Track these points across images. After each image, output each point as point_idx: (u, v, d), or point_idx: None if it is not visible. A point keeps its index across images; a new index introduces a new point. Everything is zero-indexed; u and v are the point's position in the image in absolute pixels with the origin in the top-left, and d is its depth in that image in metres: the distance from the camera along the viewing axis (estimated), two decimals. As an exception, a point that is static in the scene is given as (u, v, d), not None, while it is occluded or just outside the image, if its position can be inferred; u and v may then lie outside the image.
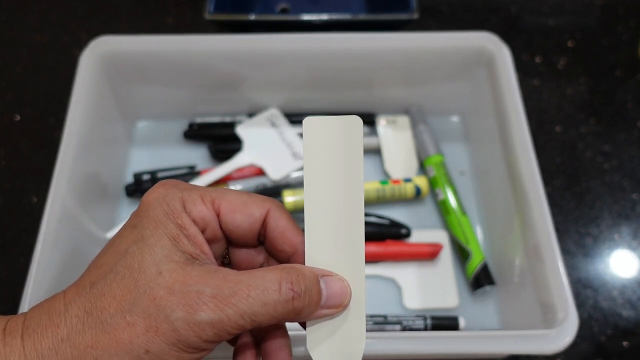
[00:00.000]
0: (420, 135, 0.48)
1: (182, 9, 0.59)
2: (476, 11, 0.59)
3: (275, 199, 0.27)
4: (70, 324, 0.23)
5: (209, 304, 0.22)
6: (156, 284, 0.23)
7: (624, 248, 0.45)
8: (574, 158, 0.50)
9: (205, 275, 0.23)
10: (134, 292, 0.23)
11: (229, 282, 0.23)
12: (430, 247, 0.43)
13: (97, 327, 0.23)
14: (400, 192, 0.45)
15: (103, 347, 0.22)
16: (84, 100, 0.40)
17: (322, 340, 0.26)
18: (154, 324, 0.22)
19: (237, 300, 0.23)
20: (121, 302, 0.23)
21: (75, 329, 0.23)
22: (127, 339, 0.22)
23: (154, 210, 0.25)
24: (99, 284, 0.23)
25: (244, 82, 0.46)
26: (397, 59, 0.45)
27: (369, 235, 0.43)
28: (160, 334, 0.22)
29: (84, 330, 0.23)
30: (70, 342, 0.22)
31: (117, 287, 0.23)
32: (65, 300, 0.23)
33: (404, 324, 0.39)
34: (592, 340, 0.41)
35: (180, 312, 0.22)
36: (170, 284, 0.23)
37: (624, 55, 0.56)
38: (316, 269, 0.25)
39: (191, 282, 0.23)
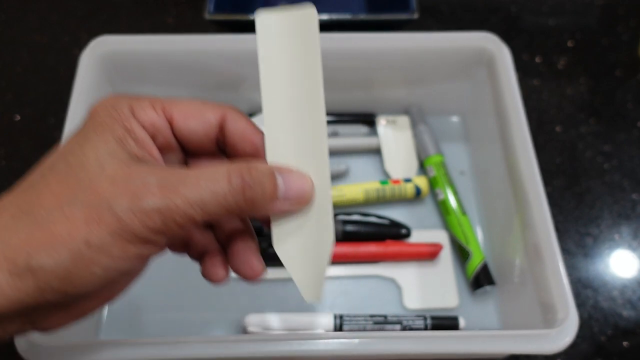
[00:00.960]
0: (420, 135, 0.48)
1: (182, 8, 0.59)
2: (476, 11, 0.59)
3: (231, 105, 0.26)
4: (2, 224, 0.21)
5: (156, 193, 0.21)
6: (99, 177, 0.22)
7: (624, 248, 0.45)
8: (574, 158, 0.50)
9: (152, 169, 0.22)
10: (74, 187, 0.21)
11: (176, 174, 0.22)
12: (430, 247, 0.43)
13: (31, 223, 0.21)
14: (400, 192, 0.45)
15: (38, 242, 0.21)
16: (84, 100, 0.40)
17: (288, 238, 0.25)
18: (95, 214, 0.21)
19: (185, 189, 0.21)
20: (59, 197, 0.21)
21: (7, 227, 0.21)
22: (65, 232, 0.21)
23: (100, 115, 0.23)
24: (37, 184, 0.22)
25: (244, 82, 0.46)
26: (397, 59, 0.45)
27: (368, 235, 0.43)
28: (102, 224, 0.21)
29: (16, 228, 0.21)
30: (0, 241, 0.21)
31: (55, 183, 0.22)
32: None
33: (404, 324, 0.39)
34: (592, 340, 0.41)
35: (124, 201, 0.21)
36: (114, 177, 0.22)
37: (624, 55, 0.56)
38: (274, 165, 0.24)
39: (136, 175, 0.22)
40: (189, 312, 0.41)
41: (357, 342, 0.31)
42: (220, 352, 0.31)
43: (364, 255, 0.42)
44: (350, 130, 0.49)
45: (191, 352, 0.31)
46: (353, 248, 0.42)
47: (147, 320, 0.40)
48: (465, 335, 0.32)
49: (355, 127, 0.49)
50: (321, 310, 0.41)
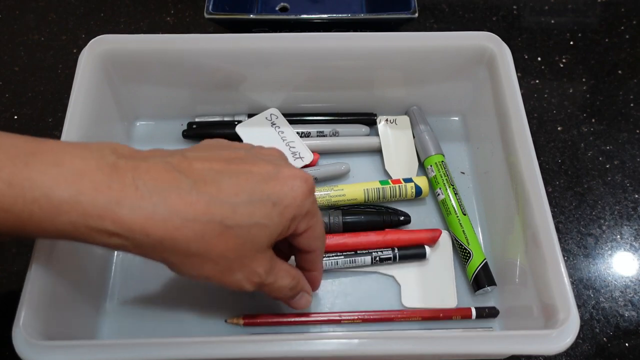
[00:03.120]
0: (420, 135, 0.47)
1: (181, 7, 0.59)
2: (477, 10, 0.59)
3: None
4: None
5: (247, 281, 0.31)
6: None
7: (625, 248, 0.45)
8: (575, 158, 0.50)
9: (271, 264, 0.31)
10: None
11: (272, 275, 0.32)
12: (429, 233, 0.43)
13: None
14: (400, 192, 0.45)
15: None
16: (82, 100, 0.40)
17: None
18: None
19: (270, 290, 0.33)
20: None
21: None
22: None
23: (289, 209, 0.29)
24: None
25: (243, 81, 0.46)
26: (397, 59, 0.45)
27: (367, 224, 0.43)
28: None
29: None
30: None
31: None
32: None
33: (374, 255, 0.42)
34: (594, 340, 0.41)
35: (241, 277, 0.30)
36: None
37: (626, 55, 0.56)
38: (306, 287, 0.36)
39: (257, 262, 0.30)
40: (188, 312, 0.41)
41: (357, 342, 0.31)
42: (220, 352, 0.31)
43: (364, 244, 0.42)
44: (350, 130, 0.49)
45: (191, 353, 0.30)
46: (353, 238, 0.42)
47: (147, 320, 0.40)
48: (466, 335, 0.32)
49: (356, 127, 0.49)
50: (321, 309, 0.41)
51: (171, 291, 0.41)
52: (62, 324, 0.35)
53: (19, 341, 0.30)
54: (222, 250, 0.28)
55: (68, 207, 0.25)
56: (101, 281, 0.41)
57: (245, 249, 0.29)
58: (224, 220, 0.27)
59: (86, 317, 0.39)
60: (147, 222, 0.26)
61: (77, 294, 0.38)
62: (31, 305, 0.32)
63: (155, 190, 0.26)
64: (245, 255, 0.29)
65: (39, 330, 0.31)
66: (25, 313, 0.31)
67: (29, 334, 0.30)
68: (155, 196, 0.26)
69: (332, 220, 0.43)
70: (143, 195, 0.26)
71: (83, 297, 0.39)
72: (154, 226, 0.26)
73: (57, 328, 0.34)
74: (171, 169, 0.27)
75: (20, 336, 0.30)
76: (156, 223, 0.26)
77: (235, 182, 0.28)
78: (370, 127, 0.49)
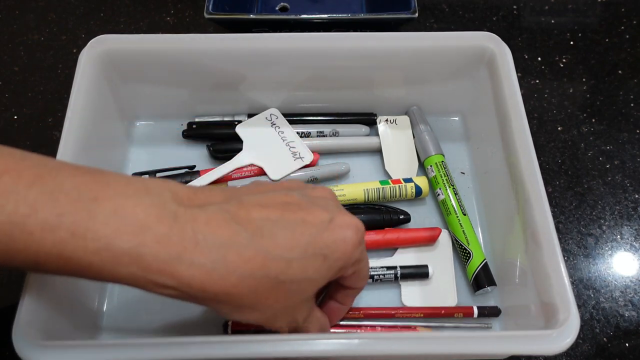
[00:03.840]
0: (420, 135, 0.47)
1: (181, 7, 0.59)
2: (477, 10, 0.59)
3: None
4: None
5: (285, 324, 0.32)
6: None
7: (626, 249, 0.45)
8: (576, 158, 0.50)
9: (310, 311, 0.33)
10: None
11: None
12: (429, 232, 0.43)
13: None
14: (400, 192, 0.45)
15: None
16: (82, 100, 0.40)
17: None
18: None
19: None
20: None
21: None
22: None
23: (339, 262, 0.30)
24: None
25: (243, 81, 0.46)
26: (397, 59, 0.45)
27: (367, 224, 0.43)
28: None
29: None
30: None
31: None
32: None
33: (375, 278, 0.41)
34: (594, 341, 0.41)
35: (283, 324, 0.32)
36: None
37: (626, 54, 0.56)
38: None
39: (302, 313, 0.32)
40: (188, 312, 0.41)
41: (357, 343, 0.31)
42: (220, 352, 0.31)
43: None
44: (350, 130, 0.49)
45: (190, 353, 0.30)
46: None
47: (147, 320, 0.40)
48: (466, 336, 0.32)
49: (356, 127, 0.49)
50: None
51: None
52: (62, 324, 0.35)
53: (19, 341, 0.30)
54: (272, 303, 0.29)
55: (129, 260, 0.26)
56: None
57: (292, 301, 0.30)
58: (278, 275, 0.28)
59: (86, 317, 0.39)
60: (205, 278, 0.26)
61: (77, 294, 0.38)
62: (31, 305, 0.32)
63: (215, 245, 0.27)
64: (292, 307, 0.31)
65: (39, 330, 0.31)
66: (25, 313, 0.31)
67: (29, 334, 0.30)
68: (215, 252, 0.27)
69: (332, 220, 0.43)
70: (202, 251, 0.26)
71: (83, 297, 0.39)
72: (212, 283, 0.27)
73: (57, 328, 0.34)
74: (229, 220, 0.28)
75: (20, 336, 0.30)
76: (214, 280, 0.27)
77: (291, 236, 0.29)
78: (370, 127, 0.49)
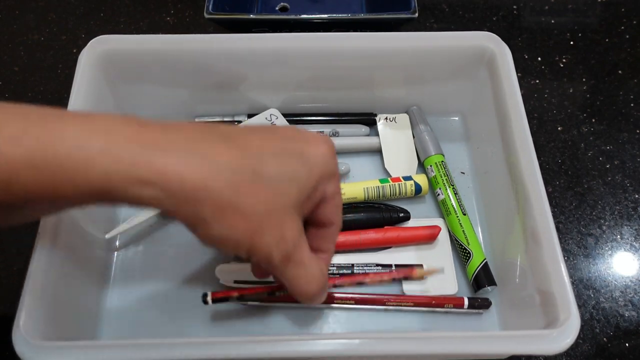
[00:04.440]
0: (420, 135, 0.47)
1: (181, 7, 0.59)
2: (477, 10, 0.59)
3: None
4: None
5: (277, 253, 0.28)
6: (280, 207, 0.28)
7: (626, 249, 0.45)
8: (576, 158, 0.50)
9: (300, 233, 0.30)
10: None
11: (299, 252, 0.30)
12: (428, 230, 0.43)
13: None
14: (400, 190, 0.45)
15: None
16: (82, 100, 0.40)
17: None
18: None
19: (289, 272, 0.30)
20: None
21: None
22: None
23: (317, 167, 0.29)
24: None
25: (243, 81, 0.46)
26: (397, 59, 0.45)
27: (367, 222, 0.43)
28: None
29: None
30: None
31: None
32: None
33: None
34: (594, 341, 0.41)
35: (270, 239, 0.28)
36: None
37: (626, 54, 0.56)
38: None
39: (283, 222, 0.29)
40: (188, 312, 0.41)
41: (358, 342, 0.31)
42: (220, 352, 0.31)
43: (364, 242, 0.42)
44: (350, 130, 0.49)
45: (190, 353, 0.30)
46: (353, 236, 0.42)
47: (147, 320, 0.40)
48: (466, 336, 0.32)
49: (356, 127, 0.49)
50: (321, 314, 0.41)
51: (171, 291, 0.41)
52: (62, 324, 0.35)
53: (19, 341, 0.30)
54: (254, 203, 0.27)
55: (101, 158, 0.25)
56: (101, 281, 0.41)
57: (276, 204, 0.28)
58: (255, 170, 0.27)
59: (86, 317, 0.39)
60: (181, 168, 0.25)
61: (77, 294, 0.38)
62: (31, 306, 0.32)
63: (187, 141, 0.26)
64: (276, 211, 0.28)
65: (39, 330, 0.31)
66: (25, 313, 0.31)
67: (29, 334, 0.30)
68: (189, 145, 0.26)
69: (332, 219, 0.43)
70: (176, 144, 0.26)
71: (83, 297, 0.39)
72: (188, 172, 0.25)
73: (57, 328, 0.34)
74: (198, 128, 0.28)
75: (20, 336, 0.30)
76: (190, 169, 0.25)
77: (262, 138, 0.28)
78: (370, 127, 0.49)
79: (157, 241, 0.44)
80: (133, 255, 0.43)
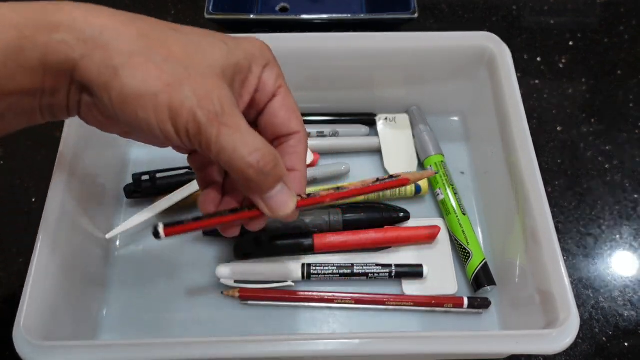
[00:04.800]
0: (420, 135, 0.47)
1: (182, 8, 0.59)
2: (476, 10, 0.59)
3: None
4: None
5: (205, 114, 0.25)
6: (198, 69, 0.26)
7: (625, 248, 0.45)
8: (575, 158, 0.50)
9: (230, 98, 0.26)
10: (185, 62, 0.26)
11: (235, 120, 0.26)
12: (428, 230, 0.43)
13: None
14: (399, 189, 0.45)
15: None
16: (82, 100, 0.40)
17: None
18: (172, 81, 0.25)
19: (225, 132, 0.25)
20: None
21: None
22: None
23: (247, 47, 0.28)
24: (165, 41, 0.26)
25: (243, 81, 0.46)
26: (397, 59, 0.45)
27: (367, 222, 0.43)
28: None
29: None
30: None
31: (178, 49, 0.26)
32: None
33: (370, 276, 0.41)
34: (593, 340, 0.41)
35: (191, 94, 0.25)
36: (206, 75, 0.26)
37: (626, 55, 0.56)
38: (285, 174, 0.28)
39: (213, 90, 0.25)
40: (188, 312, 0.41)
41: (358, 342, 0.31)
42: (220, 352, 0.31)
43: (364, 242, 0.42)
44: (350, 130, 0.49)
45: (190, 353, 0.31)
46: (353, 236, 0.42)
47: (146, 320, 0.40)
48: (466, 335, 0.32)
49: (355, 127, 0.49)
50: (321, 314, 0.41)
51: (170, 291, 0.41)
52: (62, 324, 0.35)
53: (19, 341, 0.30)
54: (167, 54, 0.25)
55: (10, 13, 0.24)
56: (101, 281, 0.41)
57: (194, 60, 0.25)
58: (171, 27, 0.27)
59: (86, 317, 0.39)
60: (91, 13, 0.25)
61: (77, 294, 0.38)
62: (31, 305, 0.32)
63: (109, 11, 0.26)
64: (194, 67, 0.25)
65: (39, 330, 0.31)
66: (26, 313, 0.31)
67: (29, 334, 0.31)
68: (106, 9, 0.26)
69: (332, 218, 0.43)
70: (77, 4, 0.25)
71: (83, 297, 0.39)
72: (97, 16, 0.25)
73: (57, 328, 0.34)
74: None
75: (20, 336, 0.31)
76: (99, 14, 0.25)
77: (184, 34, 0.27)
78: (370, 127, 0.49)
79: (157, 241, 0.44)
80: (133, 255, 0.43)
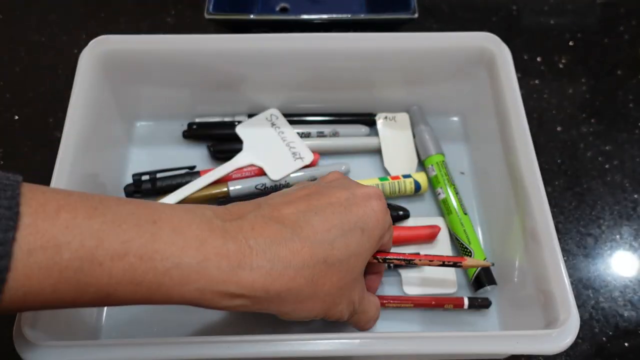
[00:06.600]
0: (420, 135, 0.47)
1: (182, 8, 0.59)
2: (476, 10, 0.59)
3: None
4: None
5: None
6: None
7: (625, 248, 0.45)
8: (575, 158, 0.50)
9: (363, 288, 0.34)
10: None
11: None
12: (428, 229, 0.43)
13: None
14: (399, 187, 0.45)
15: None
16: (83, 100, 0.40)
17: None
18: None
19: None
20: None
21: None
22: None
23: (376, 231, 0.33)
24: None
25: (243, 81, 0.46)
26: (397, 59, 0.45)
27: None
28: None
29: None
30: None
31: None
32: None
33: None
34: (593, 340, 0.41)
35: (341, 305, 0.33)
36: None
37: (626, 55, 0.56)
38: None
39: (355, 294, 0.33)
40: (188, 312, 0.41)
41: (358, 342, 0.31)
42: (220, 352, 0.31)
43: None
44: (350, 130, 0.49)
45: (191, 353, 0.31)
46: None
47: (147, 320, 0.40)
48: (466, 335, 0.32)
49: (355, 127, 0.49)
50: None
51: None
52: (62, 324, 0.35)
53: (19, 341, 0.30)
54: (329, 288, 0.30)
55: (197, 276, 0.27)
56: (101, 281, 0.41)
57: (346, 281, 0.31)
58: (326, 259, 0.30)
59: (86, 317, 0.39)
60: (266, 280, 0.28)
61: (77, 294, 0.38)
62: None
63: (266, 245, 0.29)
64: (347, 286, 0.32)
65: (39, 330, 0.31)
66: (26, 313, 0.31)
67: (29, 334, 0.31)
68: (269, 252, 0.28)
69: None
70: (258, 254, 0.28)
71: (83, 297, 0.39)
72: (272, 282, 0.28)
73: (57, 328, 0.34)
74: (269, 221, 0.30)
75: (20, 336, 0.31)
76: (273, 278, 0.28)
77: (324, 219, 0.31)
78: (370, 127, 0.49)
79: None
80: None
